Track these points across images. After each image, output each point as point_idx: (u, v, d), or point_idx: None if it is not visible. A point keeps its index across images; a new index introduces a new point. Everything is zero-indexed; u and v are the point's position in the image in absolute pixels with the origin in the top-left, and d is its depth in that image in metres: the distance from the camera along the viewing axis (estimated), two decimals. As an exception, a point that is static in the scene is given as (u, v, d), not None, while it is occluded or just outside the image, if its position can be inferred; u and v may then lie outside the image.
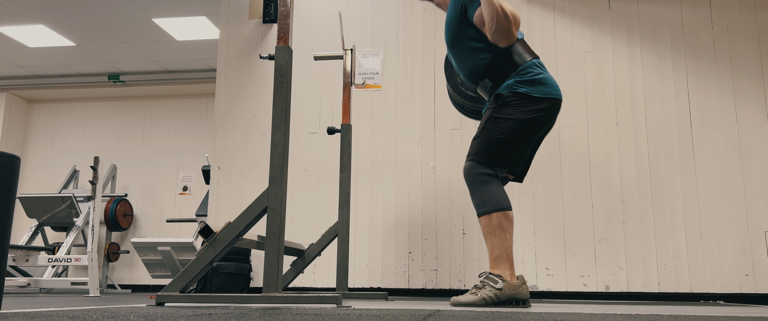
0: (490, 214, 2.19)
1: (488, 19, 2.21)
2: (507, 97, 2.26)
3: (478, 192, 2.23)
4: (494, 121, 2.27)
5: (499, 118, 2.26)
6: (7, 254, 1.56)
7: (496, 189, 2.22)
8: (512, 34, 2.24)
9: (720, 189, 3.64)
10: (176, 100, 7.26)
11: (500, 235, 2.17)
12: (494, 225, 2.18)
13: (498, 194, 2.21)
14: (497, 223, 2.18)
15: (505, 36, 2.23)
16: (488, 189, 2.21)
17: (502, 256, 2.15)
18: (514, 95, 2.25)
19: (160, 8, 5.20)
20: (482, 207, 2.21)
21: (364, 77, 3.98)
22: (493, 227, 2.18)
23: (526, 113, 2.25)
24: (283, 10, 2.13)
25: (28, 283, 4.35)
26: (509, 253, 2.17)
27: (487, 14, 2.20)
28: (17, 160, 1.59)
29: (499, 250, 2.16)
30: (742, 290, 3.50)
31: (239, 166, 4.00)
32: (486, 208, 2.20)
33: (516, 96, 2.25)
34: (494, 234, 2.18)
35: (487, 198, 2.20)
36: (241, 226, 2.03)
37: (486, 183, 2.22)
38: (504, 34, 2.22)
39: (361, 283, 3.73)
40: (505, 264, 2.14)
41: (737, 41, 3.84)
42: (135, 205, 6.98)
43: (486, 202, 2.20)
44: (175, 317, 1.31)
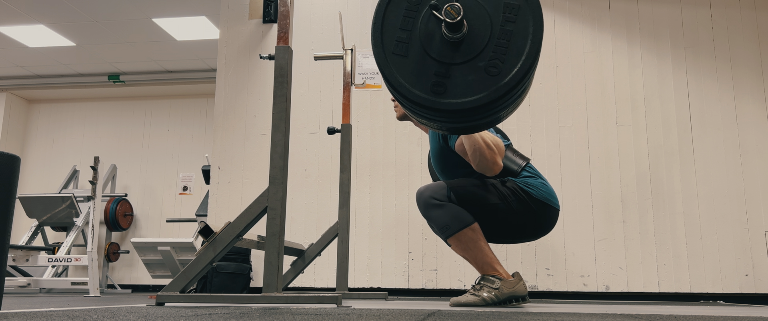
0: (457, 233, 2.12)
1: (470, 152, 2.10)
2: (511, 184, 2.19)
3: (434, 216, 2.14)
4: (492, 185, 2.18)
5: (498, 189, 2.18)
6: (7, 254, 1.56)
7: (452, 209, 2.12)
8: (498, 165, 2.11)
9: (720, 189, 3.64)
10: (176, 100, 7.25)
11: (475, 246, 2.12)
12: (464, 241, 2.13)
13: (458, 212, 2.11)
14: (467, 238, 2.12)
15: (490, 167, 2.10)
16: (446, 211, 2.12)
17: (487, 261, 2.13)
18: (518, 187, 2.19)
19: (160, 8, 5.20)
20: (447, 230, 2.12)
21: (364, 77, 3.98)
22: (465, 243, 2.13)
23: (523, 207, 2.17)
24: (283, 10, 2.12)
25: (28, 283, 4.35)
26: (492, 256, 2.14)
27: (469, 148, 2.10)
28: (17, 160, 1.59)
29: (482, 258, 2.13)
30: (742, 290, 3.50)
31: (239, 166, 4.00)
32: (452, 229, 2.12)
33: (520, 189, 2.19)
34: (469, 248, 2.13)
35: (448, 219, 2.11)
36: (241, 226, 2.03)
37: (441, 206, 2.12)
38: (489, 165, 2.09)
39: (361, 283, 3.72)
40: (493, 265, 2.14)
41: (737, 41, 3.84)
42: (135, 205, 6.98)
43: (449, 224, 2.11)
44: (175, 317, 1.31)
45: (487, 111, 1.57)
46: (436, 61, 1.57)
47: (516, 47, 1.53)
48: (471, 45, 1.55)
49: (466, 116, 1.58)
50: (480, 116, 1.59)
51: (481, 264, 2.14)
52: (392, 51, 1.60)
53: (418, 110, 1.61)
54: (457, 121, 1.62)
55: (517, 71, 1.52)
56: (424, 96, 1.56)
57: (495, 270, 2.13)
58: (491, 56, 1.54)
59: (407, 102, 1.60)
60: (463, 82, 1.54)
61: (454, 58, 1.56)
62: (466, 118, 1.59)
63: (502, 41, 1.54)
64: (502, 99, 1.53)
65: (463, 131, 1.75)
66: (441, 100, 1.55)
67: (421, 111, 1.61)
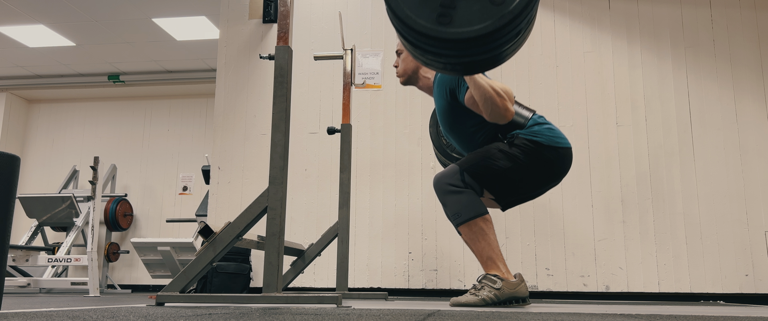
0: (468, 222, 2.15)
1: (481, 103, 2.14)
2: (519, 139, 2.22)
3: (449, 202, 2.18)
4: (499, 151, 2.22)
5: (505, 152, 2.22)
6: (7, 254, 1.56)
7: (468, 197, 2.16)
8: (509, 112, 2.15)
9: (720, 189, 3.64)
10: (176, 100, 7.25)
11: (483, 239, 2.15)
12: (475, 231, 2.15)
13: (471, 201, 2.16)
14: (477, 228, 2.15)
15: (503, 114, 2.15)
16: (460, 198, 2.16)
17: (492, 256, 2.14)
18: (526, 140, 2.22)
19: (160, 8, 5.20)
20: (458, 217, 2.16)
21: (364, 77, 3.98)
22: (474, 233, 2.15)
23: (534, 160, 2.21)
24: (283, 10, 2.12)
25: (28, 283, 4.35)
26: (498, 253, 2.16)
27: (480, 98, 2.13)
28: (17, 160, 1.59)
29: (488, 252, 2.15)
30: (742, 290, 3.50)
31: (239, 166, 4.00)
32: (462, 217, 2.16)
33: (528, 141, 2.22)
34: (477, 240, 2.15)
35: (461, 207, 2.16)
36: (241, 226, 2.03)
37: (457, 193, 2.17)
38: (501, 112, 2.14)
39: (361, 283, 3.72)
40: (497, 263, 2.14)
41: (737, 41, 3.84)
42: (135, 205, 6.98)
43: (461, 212, 2.16)
44: (175, 317, 1.31)
45: (492, 40, 1.58)
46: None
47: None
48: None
49: (472, 46, 1.59)
50: (485, 46, 1.60)
51: (485, 259, 2.15)
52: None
53: (423, 42, 1.62)
54: (463, 52, 1.62)
55: None
56: (429, 26, 1.57)
57: (498, 268, 2.13)
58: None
59: (413, 34, 1.61)
60: (468, 12, 1.56)
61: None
62: (471, 49, 1.60)
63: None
64: (507, 27, 1.55)
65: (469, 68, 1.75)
66: (447, 30, 1.56)
67: (426, 43, 1.62)
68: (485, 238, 2.15)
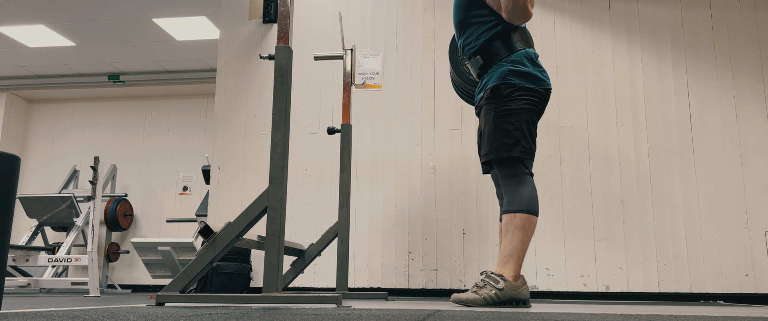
0: (516, 213, 2.18)
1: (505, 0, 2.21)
2: (504, 89, 2.26)
3: (511, 190, 2.23)
4: (504, 116, 2.26)
5: (506, 112, 2.25)
6: (7, 254, 1.56)
7: (531, 191, 2.21)
8: (529, 12, 2.22)
9: (720, 189, 3.64)
10: (176, 100, 7.25)
11: (518, 236, 2.16)
12: (515, 225, 2.17)
13: (531, 197, 2.21)
14: (519, 223, 2.17)
15: (523, 14, 2.21)
16: (524, 189, 2.21)
17: (513, 256, 2.15)
18: (510, 87, 2.26)
19: (160, 8, 5.20)
20: (511, 205, 2.20)
21: (364, 77, 3.98)
22: (514, 227, 2.17)
23: (525, 103, 2.26)
24: (283, 10, 2.13)
25: (28, 283, 4.35)
26: (520, 256, 2.16)
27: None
28: (17, 160, 1.59)
29: (512, 250, 2.15)
30: (742, 290, 3.50)
31: (239, 166, 4.00)
32: (513, 206, 2.19)
33: (514, 88, 2.26)
34: (512, 233, 2.17)
35: (518, 197, 2.20)
36: (241, 226, 2.03)
37: (523, 183, 2.22)
38: (520, 12, 2.20)
39: (361, 283, 3.72)
40: (513, 264, 2.14)
41: (737, 41, 3.84)
42: (135, 205, 6.98)
43: (515, 201, 2.20)
44: (175, 317, 1.31)
45: None
46: None
47: None
48: None
49: None
50: None
51: (507, 254, 2.15)
52: None
53: None
54: None
55: None
56: None
57: (509, 269, 2.13)
58: None
59: None
60: None
61: None
62: None
63: None
64: None
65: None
66: None
67: None
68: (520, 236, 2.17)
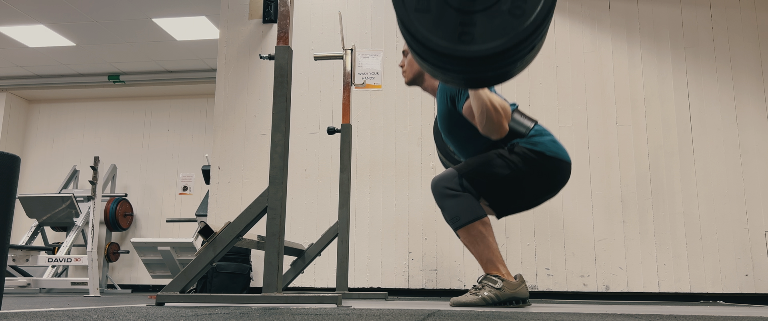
0: (467, 225, 2.15)
1: (477, 114, 2.12)
2: (519, 148, 2.21)
3: (447, 206, 2.17)
4: (499, 156, 2.21)
5: (505, 158, 2.21)
6: (7, 254, 1.56)
7: (466, 200, 2.15)
8: (504, 128, 2.13)
9: (720, 189, 3.64)
10: (176, 100, 7.25)
11: (482, 241, 2.14)
12: (473, 234, 2.14)
13: (470, 204, 2.15)
14: (476, 231, 2.14)
15: (496, 130, 2.12)
16: (459, 202, 2.15)
17: (492, 258, 2.14)
18: (527, 149, 2.21)
19: (160, 8, 5.20)
20: (457, 221, 2.15)
21: (364, 77, 3.98)
22: (473, 237, 2.15)
23: (533, 169, 2.20)
24: (283, 10, 2.12)
25: (28, 283, 4.35)
26: (497, 255, 2.15)
27: (477, 109, 2.11)
28: (17, 160, 1.59)
29: (487, 255, 2.14)
30: (742, 290, 3.50)
31: (239, 166, 4.00)
32: (461, 221, 2.15)
33: (528, 150, 2.21)
34: (476, 243, 2.15)
35: (460, 210, 2.15)
36: (241, 226, 2.03)
37: (455, 197, 2.16)
38: (495, 128, 2.11)
39: (361, 283, 3.72)
40: (497, 265, 2.14)
41: (737, 41, 3.84)
42: (135, 205, 6.98)
43: (460, 215, 2.15)
44: (175, 317, 1.31)
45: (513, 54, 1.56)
46: (458, 11, 1.56)
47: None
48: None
49: (492, 62, 1.56)
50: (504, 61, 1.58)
51: (485, 261, 2.15)
52: (414, 8, 1.60)
53: (443, 62, 1.60)
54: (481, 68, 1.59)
55: (541, 9, 1.53)
56: (451, 46, 1.54)
57: (498, 270, 2.13)
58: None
59: (433, 55, 1.59)
60: (489, 27, 1.53)
61: (476, 5, 1.55)
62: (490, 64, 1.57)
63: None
64: (527, 40, 1.55)
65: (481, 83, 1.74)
66: (468, 48, 1.53)
67: (446, 62, 1.59)
68: (484, 240, 2.15)
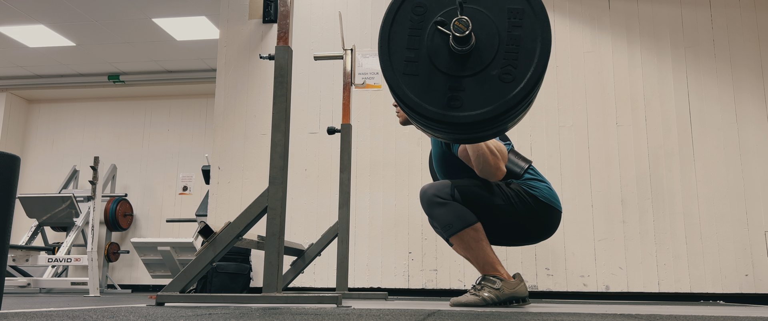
0: (459, 232, 2.12)
1: (473, 158, 2.11)
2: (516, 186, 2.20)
3: (437, 214, 2.14)
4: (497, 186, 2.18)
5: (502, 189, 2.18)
6: (7, 254, 1.56)
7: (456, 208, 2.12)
8: (501, 171, 2.12)
9: (720, 189, 3.64)
10: (176, 100, 7.25)
11: (476, 246, 2.12)
12: (466, 240, 2.13)
13: (462, 211, 2.11)
14: (469, 237, 2.12)
15: (494, 173, 2.11)
16: (449, 210, 2.12)
17: (488, 260, 2.13)
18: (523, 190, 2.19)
19: (160, 8, 5.20)
20: (449, 228, 2.12)
21: (364, 77, 3.98)
22: (466, 242, 2.13)
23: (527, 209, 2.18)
24: (283, 10, 2.12)
25: (28, 283, 4.35)
26: (493, 256, 2.14)
27: (473, 154, 2.11)
28: (17, 160, 1.59)
29: (483, 257, 2.13)
30: (742, 290, 3.50)
31: (239, 166, 4.00)
32: (454, 228, 2.12)
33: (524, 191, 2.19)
34: (471, 247, 2.13)
35: (452, 217, 2.11)
36: (241, 226, 2.03)
37: (445, 205, 2.12)
38: (492, 171, 2.10)
39: (361, 283, 3.72)
40: (495, 265, 2.14)
41: (737, 41, 3.84)
42: (135, 205, 6.98)
43: (452, 222, 2.11)
44: (175, 317, 1.31)
45: (503, 119, 1.55)
46: (447, 76, 1.55)
47: (526, 51, 1.51)
48: (481, 55, 1.53)
49: (482, 127, 1.55)
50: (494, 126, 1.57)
51: (482, 264, 2.14)
52: (402, 71, 1.57)
53: (433, 125, 1.58)
54: (471, 132, 1.59)
55: (532, 75, 1.50)
56: (440, 112, 1.53)
57: (496, 270, 2.13)
58: (503, 64, 1.52)
59: (423, 119, 1.57)
60: (478, 93, 1.52)
61: (465, 70, 1.53)
62: (480, 129, 1.56)
63: (512, 47, 1.51)
64: (517, 107, 1.51)
65: (473, 141, 1.73)
66: (458, 114, 1.52)
67: (436, 126, 1.57)
68: (478, 244, 2.12)
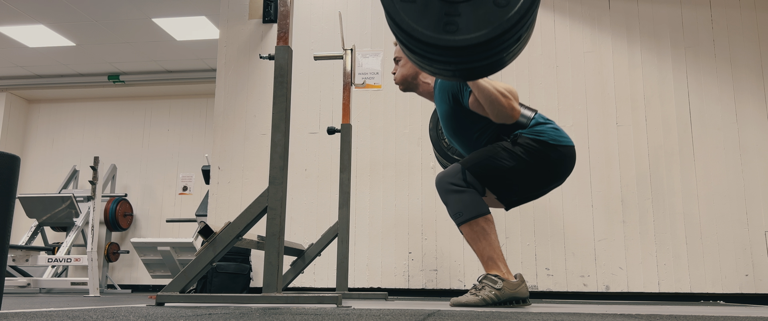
0: (470, 221, 2.15)
1: (487, 105, 2.15)
2: (522, 138, 2.21)
3: (451, 201, 2.18)
4: (503, 149, 2.21)
5: (508, 150, 2.21)
6: (7, 254, 1.56)
7: (470, 196, 2.16)
8: (516, 111, 2.17)
9: (720, 189, 3.64)
10: (176, 100, 7.25)
11: (485, 238, 2.15)
12: (476, 231, 2.15)
13: (474, 201, 2.16)
14: (479, 228, 2.15)
15: (509, 114, 2.16)
16: (462, 197, 2.16)
17: (493, 256, 2.14)
18: (530, 140, 2.21)
19: (160, 8, 5.20)
20: (460, 216, 2.16)
21: (364, 77, 3.98)
22: (476, 233, 2.15)
23: (537, 159, 2.20)
24: (283, 10, 2.12)
25: (28, 283, 4.35)
26: (499, 253, 2.16)
27: (485, 100, 2.14)
28: (17, 160, 1.59)
29: (489, 252, 2.15)
30: (742, 290, 3.50)
31: (239, 166, 4.00)
32: (464, 216, 2.15)
33: (532, 140, 2.21)
34: (479, 239, 2.15)
35: (463, 206, 2.15)
36: (241, 226, 2.03)
37: (459, 192, 2.17)
38: (507, 112, 2.16)
39: (361, 283, 3.72)
40: (499, 263, 2.14)
41: (737, 41, 3.84)
42: (135, 205, 6.98)
43: (463, 211, 2.15)
44: (175, 317, 1.31)
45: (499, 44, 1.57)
46: (443, 2, 1.58)
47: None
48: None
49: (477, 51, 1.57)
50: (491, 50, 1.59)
51: (486, 259, 2.15)
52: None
53: (429, 51, 1.61)
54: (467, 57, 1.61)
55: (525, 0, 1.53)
56: (436, 36, 1.56)
57: (498, 269, 2.13)
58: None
59: (419, 45, 1.60)
60: (473, 18, 1.55)
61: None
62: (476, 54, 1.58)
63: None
64: (512, 30, 1.54)
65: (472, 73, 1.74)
66: (454, 37, 1.55)
67: (432, 52, 1.60)
68: (486, 237, 2.15)
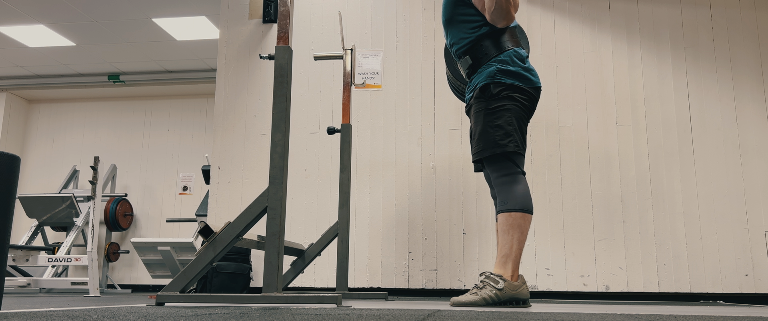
0: (511, 212, 2.19)
1: (487, 2, 2.24)
2: (494, 87, 2.28)
3: (505, 190, 2.24)
4: (494, 113, 2.27)
5: (496, 110, 2.27)
6: (7, 254, 1.56)
7: (524, 189, 2.23)
8: (511, 16, 2.27)
9: (720, 189, 3.64)
10: (176, 100, 7.25)
11: (515, 234, 2.18)
12: (511, 224, 2.18)
13: (524, 195, 2.22)
14: (515, 222, 2.18)
15: (504, 17, 2.26)
16: (517, 188, 2.22)
17: (511, 255, 2.15)
18: (500, 86, 2.27)
19: (160, 8, 5.20)
20: (505, 204, 2.22)
21: (364, 77, 3.98)
22: (510, 226, 2.18)
23: (514, 102, 2.28)
24: (283, 10, 2.13)
25: (28, 283, 4.35)
26: (518, 255, 2.17)
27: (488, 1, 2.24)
28: (17, 160, 1.59)
29: (509, 250, 2.16)
30: (742, 290, 3.50)
31: (239, 166, 4.00)
32: (508, 206, 2.20)
33: (503, 87, 2.27)
34: (509, 232, 2.18)
35: (512, 196, 2.21)
36: (241, 226, 2.03)
37: (515, 182, 2.23)
38: (503, 14, 2.25)
39: (361, 283, 3.73)
40: (511, 264, 2.14)
41: (737, 41, 3.84)
42: (135, 205, 6.98)
43: (509, 200, 2.21)
44: (175, 317, 1.31)
45: None
46: None
47: None
48: None
49: None
50: None
51: (504, 253, 2.16)
52: None
53: None
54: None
55: None
56: None
57: (507, 269, 2.13)
58: None
59: None
60: None
61: None
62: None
63: None
64: None
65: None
66: None
67: None
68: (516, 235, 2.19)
